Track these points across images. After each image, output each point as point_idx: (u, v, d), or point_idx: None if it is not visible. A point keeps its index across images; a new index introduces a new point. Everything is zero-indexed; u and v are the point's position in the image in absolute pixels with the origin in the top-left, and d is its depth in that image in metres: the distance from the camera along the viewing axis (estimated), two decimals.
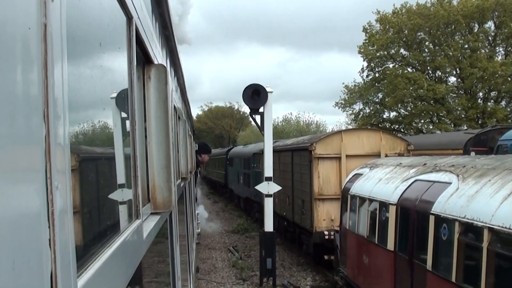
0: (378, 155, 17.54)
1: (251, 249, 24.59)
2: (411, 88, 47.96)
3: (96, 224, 1.75)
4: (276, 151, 20.54)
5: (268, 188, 13.37)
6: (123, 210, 2.23)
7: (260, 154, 26.35)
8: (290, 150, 21.91)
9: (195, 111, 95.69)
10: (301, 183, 19.74)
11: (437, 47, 48.59)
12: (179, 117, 7.07)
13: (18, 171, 0.90)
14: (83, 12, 1.57)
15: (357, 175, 14.12)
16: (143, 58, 3.37)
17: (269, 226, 14.05)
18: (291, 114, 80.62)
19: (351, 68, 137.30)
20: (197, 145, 15.75)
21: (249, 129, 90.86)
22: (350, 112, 57.55)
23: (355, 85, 55.09)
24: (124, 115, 2.40)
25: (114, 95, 2.22)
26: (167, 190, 3.41)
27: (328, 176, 18.07)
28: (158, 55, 4.10)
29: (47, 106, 1.02)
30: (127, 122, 2.44)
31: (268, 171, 13.08)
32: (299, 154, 20.09)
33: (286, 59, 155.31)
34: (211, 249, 25.68)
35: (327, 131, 53.65)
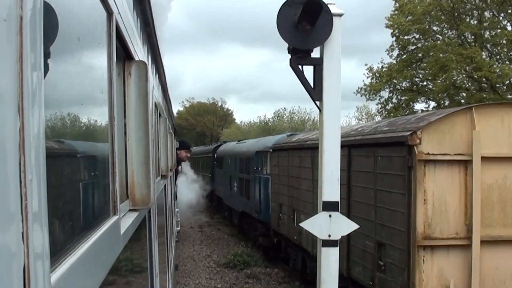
0: None
1: None
2: (467, 68, 34.85)
3: (71, 219, 1.74)
4: (297, 149, 15.16)
5: (330, 227, 6.64)
6: (100, 206, 2.22)
7: (267, 152, 19.82)
8: (345, 147, 10.63)
9: (176, 107, 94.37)
10: (377, 210, 9.97)
11: (493, 17, 35.56)
12: (160, 114, 7.05)
13: None
14: (61, 5, 1.56)
15: None
16: (124, 55, 3.36)
17: None
18: (284, 110, 74.63)
19: None
20: (178, 143, 15.72)
21: (234, 126, 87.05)
22: (377, 101, 43.09)
23: (382, 66, 40.89)
24: (103, 110, 2.39)
25: (93, 90, 2.21)
26: (146, 186, 3.41)
27: (443, 199, 8.93)
28: (139, 52, 4.08)
29: (22, 99, 1.02)
30: (106, 118, 2.43)
31: (331, 190, 6.57)
32: (372, 153, 10.26)
33: (269, 60, 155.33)
34: None
35: None
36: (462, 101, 37.10)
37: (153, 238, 5.12)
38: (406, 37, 39.02)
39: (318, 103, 6.55)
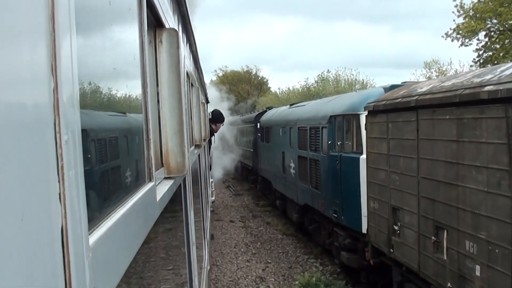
0: None
1: None
2: None
3: (107, 183, 1.75)
4: (449, 105, 7.82)
5: None
6: (135, 172, 2.23)
7: (355, 117, 12.50)
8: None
9: (209, 78, 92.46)
10: None
11: None
12: (192, 84, 7.05)
13: (25, 123, 0.89)
14: None
15: None
16: (155, 22, 3.34)
17: None
18: (328, 72, 65.35)
19: (365, 37, 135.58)
20: (210, 114, 15.77)
21: (272, 94, 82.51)
22: (475, 46, 33.54)
23: (478, 0, 31.92)
24: (136, 77, 2.39)
25: (125, 57, 2.20)
26: (181, 155, 3.42)
27: None
28: (170, 20, 4.06)
29: (54, 59, 1.01)
30: (139, 85, 2.42)
31: None
32: None
33: (300, 29, 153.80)
34: None
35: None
36: None
37: (189, 207, 5.16)
38: None
39: None
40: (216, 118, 15.80)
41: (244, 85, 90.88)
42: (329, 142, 13.90)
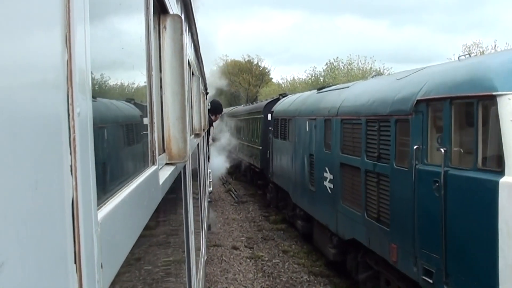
0: None
1: None
2: None
3: (115, 162, 1.76)
4: None
5: None
6: (140, 154, 2.24)
7: (489, 99, 6.34)
8: None
9: (210, 67, 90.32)
10: None
11: None
12: (192, 73, 7.04)
13: (39, 96, 0.89)
14: None
15: None
16: (159, 8, 3.33)
17: None
18: (337, 60, 62.35)
19: (364, 31, 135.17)
20: (209, 104, 15.77)
21: (274, 85, 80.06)
22: None
23: None
24: (140, 63, 2.39)
25: (131, 42, 2.20)
26: (182, 141, 3.42)
27: None
28: (174, 6, 4.05)
29: (69, 31, 1.01)
30: (144, 71, 2.42)
31: None
32: None
33: (300, 22, 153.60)
34: None
35: None
36: None
37: (188, 195, 5.17)
38: None
39: None
40: (215, 108, 15.83)
41: (245, 75, 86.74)
42: (416, 146, 7.94)
